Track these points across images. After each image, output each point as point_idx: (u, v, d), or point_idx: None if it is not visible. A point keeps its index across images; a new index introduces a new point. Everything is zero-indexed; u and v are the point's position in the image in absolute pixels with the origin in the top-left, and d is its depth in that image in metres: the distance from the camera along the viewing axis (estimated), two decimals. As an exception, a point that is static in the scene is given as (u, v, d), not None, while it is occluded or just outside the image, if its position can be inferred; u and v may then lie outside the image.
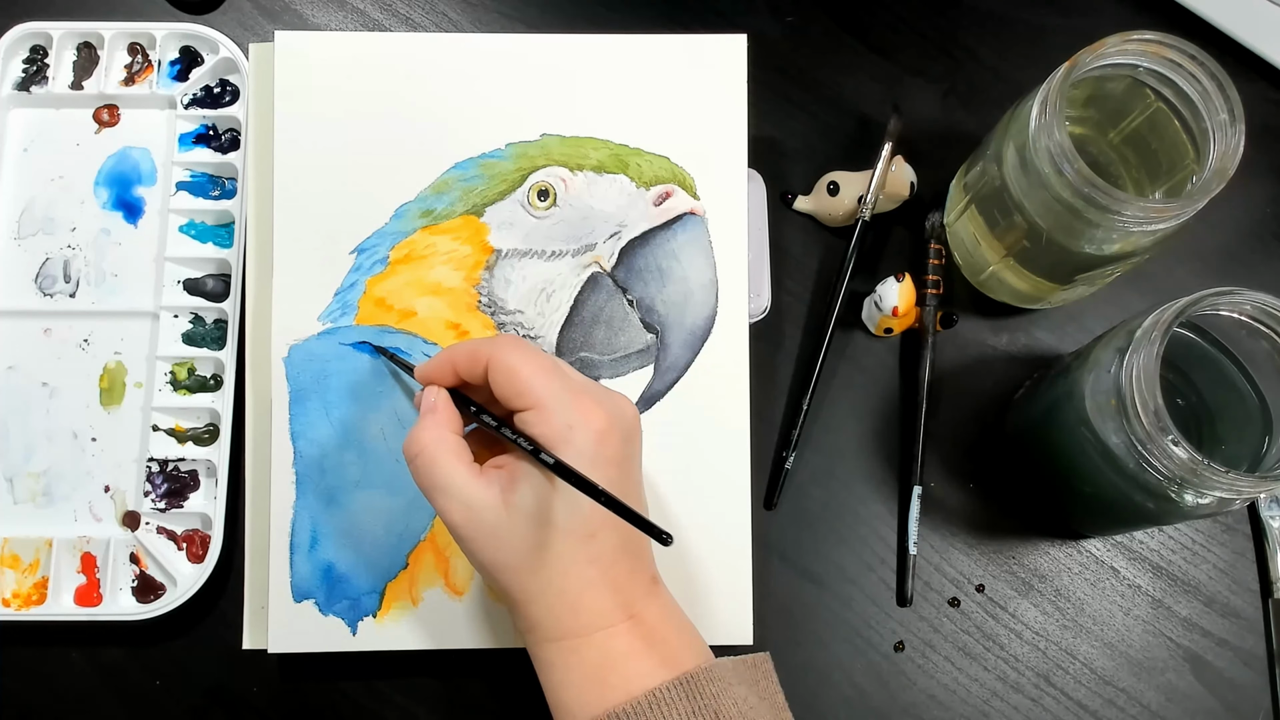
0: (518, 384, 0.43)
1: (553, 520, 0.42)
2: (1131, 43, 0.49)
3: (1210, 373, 0.51)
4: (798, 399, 0.60)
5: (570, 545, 0.42)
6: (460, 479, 0.43)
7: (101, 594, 0.57)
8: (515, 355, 0.44)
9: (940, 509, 0.60)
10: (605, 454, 0.43)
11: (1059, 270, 0.56)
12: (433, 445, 0.44)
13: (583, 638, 0.43)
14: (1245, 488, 0.44)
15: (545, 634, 0.43)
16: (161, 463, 0.58)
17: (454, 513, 0.43)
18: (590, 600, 0.43)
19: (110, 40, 0.62)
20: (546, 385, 0.43)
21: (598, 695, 0.42)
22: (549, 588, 0.43)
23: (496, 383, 0.44)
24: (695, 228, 0.57)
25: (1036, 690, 0.58)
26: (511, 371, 0.43)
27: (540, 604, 0.43)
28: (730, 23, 0.66)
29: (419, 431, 0.44)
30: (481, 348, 0.45)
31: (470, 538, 0.43)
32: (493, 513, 0.42)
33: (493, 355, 0.44)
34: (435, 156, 0.56)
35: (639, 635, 0.43)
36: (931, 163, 0.63)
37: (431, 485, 0.44)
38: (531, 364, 0.43)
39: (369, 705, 0.57)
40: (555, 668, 0.43)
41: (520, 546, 0.42)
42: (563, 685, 0.43)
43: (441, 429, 0.44)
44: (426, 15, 0.66)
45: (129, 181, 0.62)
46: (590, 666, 0.43)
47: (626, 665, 0.43)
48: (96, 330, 0.60)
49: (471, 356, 0.45)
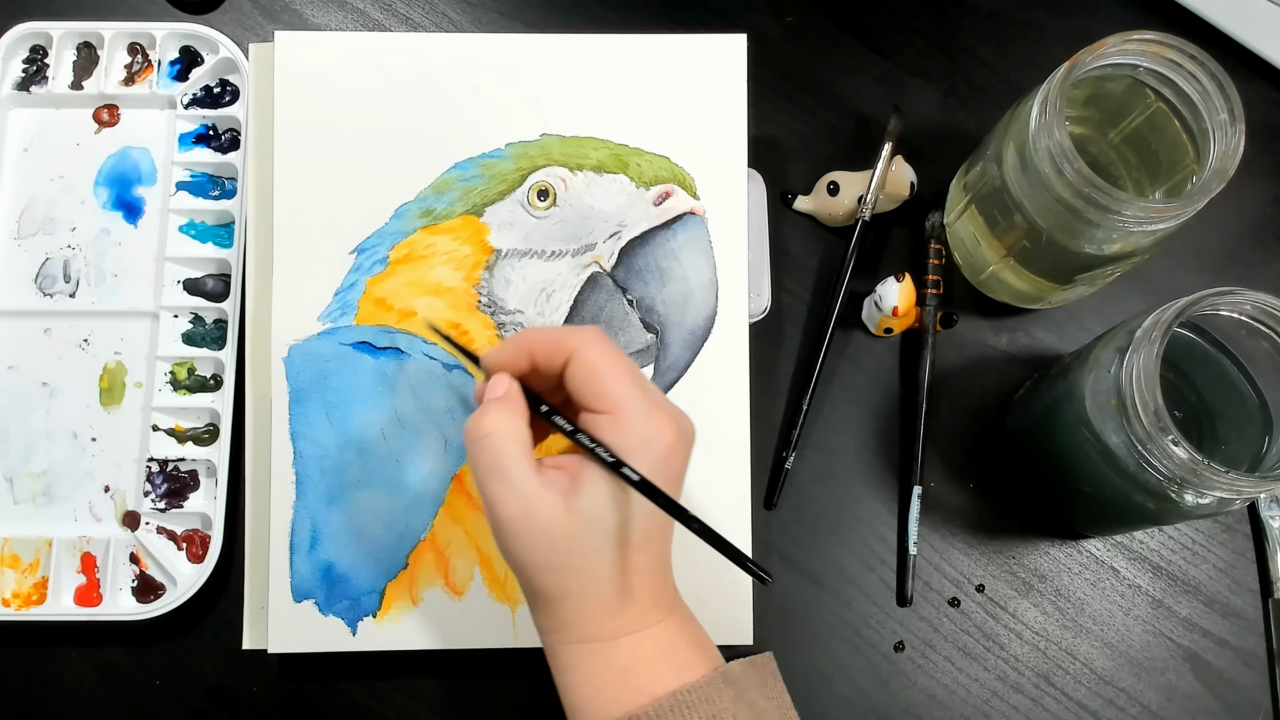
0: (598, 384, 0.42)
1: (612, 529, 0.41)
2: (1131, 43, 0.49)
3: (1210, 373, 0.51)
4: (798, 399, 0.60)
5: (622, 554, 0.42)
6: (524, 472, 0.41)
7: (101, 594, 0.57)
8: (601, 353, 0.42)
9: (940, 509, 0.60)
10: (670, 471, 0.42)
11: (1059, 270, 0.56)
12: (503, 431, 0.42)
13: (611, 641, 0.43)
14: (1245, 488, 0.44)
15: (573, 635, 0.43)
16: (161, 463, 0.58)
17: (509, 504, 0.41)
18: (627, 607, 0.43)
19: (110, 40, 0.62)
20: (629, 393, 0.42)
21: (621, 697, 0.42)
22: (590, 591, 0.42)
23: (576, 378, 0.43)
24: (695, 228, 0.57)
25: (1036, 690, 0.58)
26: (594, 370, 0.42)
27: (576, 606, 0.42)
28: (730, 23, 0.66)
29: (490, 414, 0.42)
30: (565, 339, 0.43)
31: (520, 533, 0.41)
32: (550, 512, 0.41)
33: (577, 350, 0.43)
34: (435, 156, 0.56)
35: (663, 641, 0.43)
36: (931, 163, 0.63)
37: (493, 471, 0.42)
38: (616, 366, 0.42)
39: (369, 705, 0.57)
40: (579, 669, 0.43)
41: (571, 549, 0.41)
42: (584, 686, 0.43)
43: (514, 416, 0.43)
44: (426, 15, 0.66)
45: (129, 181, 0.62)
46: (616, 669, 0.42)
47: (650, 669, 0.43)
48: (96, 330, 0.60)
49: (554, 347, 0.43)
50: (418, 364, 0.55)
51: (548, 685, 0.58)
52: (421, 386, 0.55)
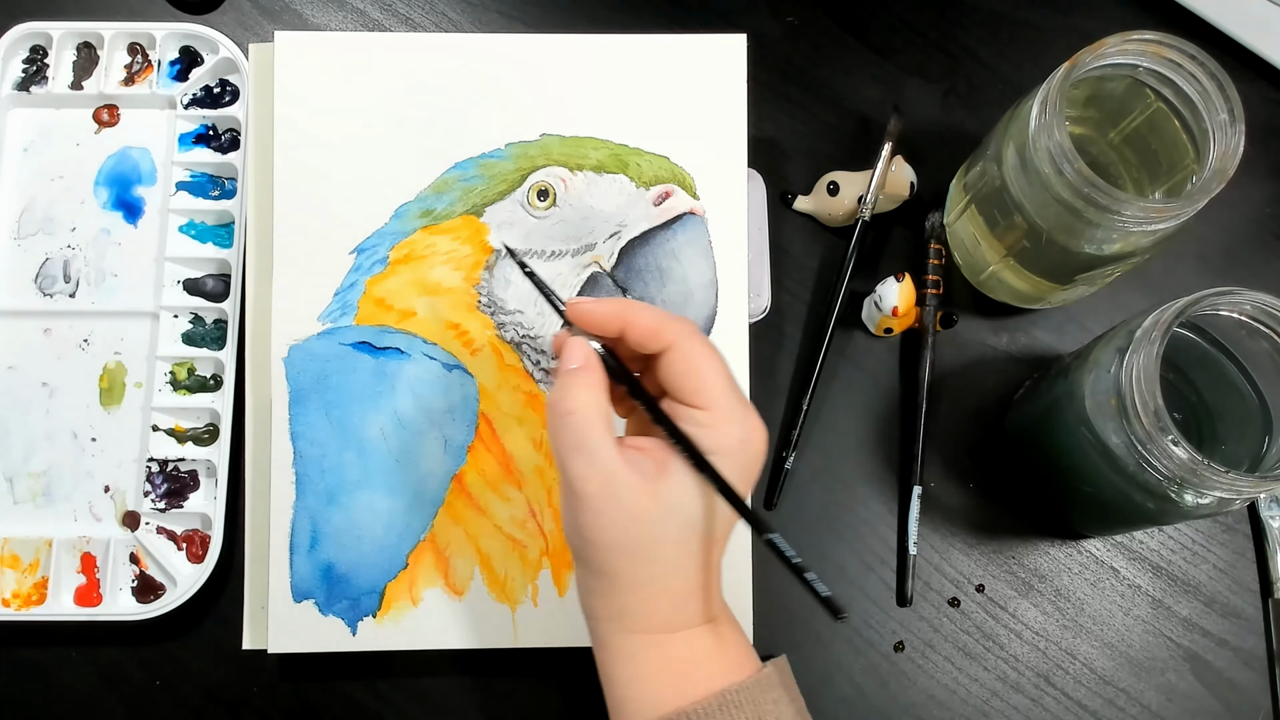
0: (696, 380, 0.42)
1: (693, 520, 0.41)
2: (1131, 43, 0.49)
3: (1210, 373, 0.51)
4: (798, 399, 0.60)
5: (696, 546, 0.42)
6: (609, 450, 0.41)
7: (101, 594, 0.57)
8: (702, 348, 0.42)
9: (940, 509, 0.60)
10: (751, 474, 0.43)
11: (1059, 270, 0.56)
12: (589, 408, 0.41)
13: (671, 634, 0.43)
14: (1245, 488, 0.44)
15: (633, 624, 0.42)
16: (161, 463, 0.58)
17: (591, 482, 0.40)
18: (691, 600, 0.43)
19: (110, 40, 0.62)
20: (727, 392, 0.42)
21: (673, 692, 0.42)
22: (659, 580, 0.42)
23: (674, 370, 0.42)
24: (695, 228, 0.57)
25: (1036, 690, 0.58)
26: (694, 365, 0.42)
27: (645, 594, 0.42)
28: (730, 23, 0.66)
29: (576, 389, 0.41)
30: (666, 327, 0.42)
31: (599, 511, 0.41)
32: (633, 494, 0.40)
33: (679, 342, 0.42)
34: (435, 156, 0.56)
35: (719, 638, 0.43)
36: (931, 163, 0.63)
37: (576, 448, 0.41)
38: (716, 363, 0.42)
39: (369, 705, 0.57)
40: (633, 660, 0.43)
41: (650, 534, 0.41)
42: (637, 678, 0.43)
43: (599, 392, 0.42)
44: (426, 15, 0.66)
45: (129, 181, 0.62)
46: (673, 662, 0.42)
47: (705, 665, 0.43)
48: (96, 330, 0.60)
49: (653, 332, 0.42)
50: (418, 364, 0.55)
51: (548, 685, 0.58)
52: (421, 386, 0.55)
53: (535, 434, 0.56)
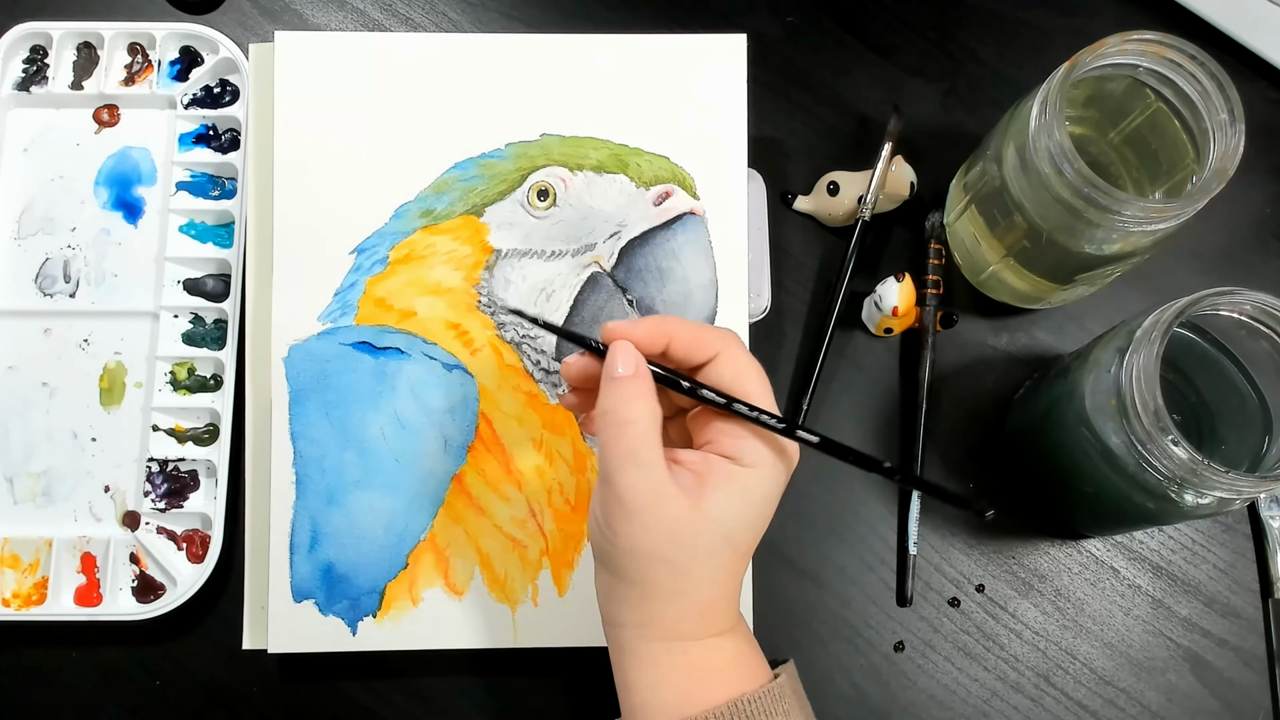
0: (744, 388, 0.42)
1: (731, 533, 0.42)
2: (1131, 43, 0.49)
3: (1210, 373, 0.51)
4: (798, 399, 0.60)
5: (731, 558, 0.42)
6: (661, 463, 0.41)
7: (101, 594, 0.57)
8: (747, 358, 0.43)
9: (940, 509, 0.60)
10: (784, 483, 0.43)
11: (1059, 270, 0.56)
12: (648, 419, 0.41)
13: (696, 641, 0.43)
14: (1245, 488, 0.44)
15: (660, 632, 0.43)
16: (161, 463, 0.58)
17: (639, 492, 0.41)
18: (719, 608, 0.43)
19: (110, 40, 0.62)
20: (770, 401, 0.43)
21: (692, 699, 0.42)
22: (693, 591, 0.42)
23: (721, 378, 0.43)
24: (695, 228, 0.57)
25: (1036, 690, 0.58)
26: (742, 374, 0.42)
27: (676, 602, 0.42)
28: (730, 23, 0.66)
29: (633, 398, 0.41)
30: (710, 335, 0.43)
31: (647, 522, 0.41)
32: (678, 508, 0.41)
33: (725, 351, 0.43)
34: (435, 156, 0.56)
35: (738, 646, 0.44)
36: (931, 163, 0.63)
37: (631, 458, 0.41)
38: (759, 373, 0.43)
39: (369, 705, 0.57)
40: (655, 666, 0.43)
41: (691, 545, 0.41)
42: (657, 684, 0.43)
43: (654, 402, 0.42)
44: (426, 15, 0.66)
45: (129, 181, 0.62)
46: (696, 670, 0.43)
47: (725, 672, 0.43)
48: (96, 330, 0.60)
49: (699, 342, 0.43)
50: (418, 364, 0.55)
51: (548, 685, 0.58)
52: (421, 386, 0.55)
53: (535, 434, 0.56)
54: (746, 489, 0.42)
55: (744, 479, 0.42)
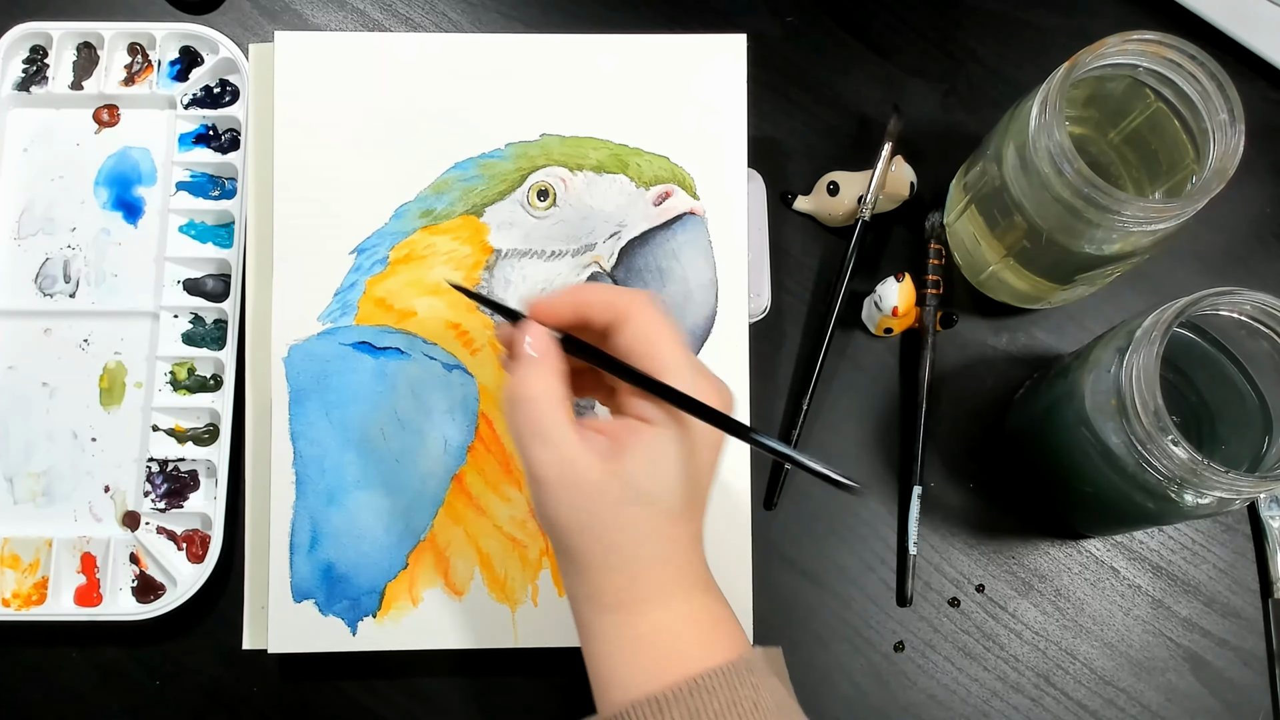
0: (650, 347, 0.42)
1: (654, 494, 0.42)
2: (1131, 43, 0.49)
3: (1210, 373, 0.51)
4: (798, 399, 0.60)
5: (660, 521, 0.42)
6: (565, 433, 0.41)
7: (101, 594, 0.57)
8: (654, 317, 0.43)
9: (940, 509, 0.60)
10: (713, 438, 0.43)
11: (1059, 270, 0.56)
12: (546, 394, 0.42)
13: (640, 613, 0.43)
14: (1245, 488, 0.44)
15: (603, 603, 0.43)
16: (161, 463, 0.58)
17: (549, 465, 0.41)
18: (657, 576, 0.43)
19: (110, 40, 0.62)
20: (680, 356, 0.42)
21: (647, 673, 0.42)
22: (624, 556, 0.42)
23: (626, 339, 0.43)
24: (695, 228, 0.57)
25: (1036, 690, 0.58)
26: (647, 334, 0.42)
27: (610, 571, 0.42)
28: (730, 23, 0.66)
29: (531, 377, 0.42)
30: (619, 299, 0.43)
31: (558, 494, 0.42)
32: (592, 475, 0.41)
33: (631, 312, 0.43)
34: (435, 156, 0.56)
35: (692, 617, 0.43)
36: (931, 163, 0.63)
37: (534, 434, 0.42)
38: (670, 330, 0.43)
39: (369, 705, 0.57)
40: (606, 640, 0.43)
41: (607, 513, 0.42)
42: (611, 658, 0.43)
43: (554, 378, 0.42)
44: (426, 15, 0.66)
45: (129, 181, 0.62)
46: (643, 643, 0.43)
47: (678, 646, 0.43)
48: (96, 330, 0.60)
49: (608, 305, 0.43)
50: (418, 364, 0.55)
51: (548, 685, 0.58)
52: (421, 386, 0.55)
53: (535, 434, 0.56)
54: (657, 447, 0.42)
55: (654, 437, 0.42)
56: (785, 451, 0.42)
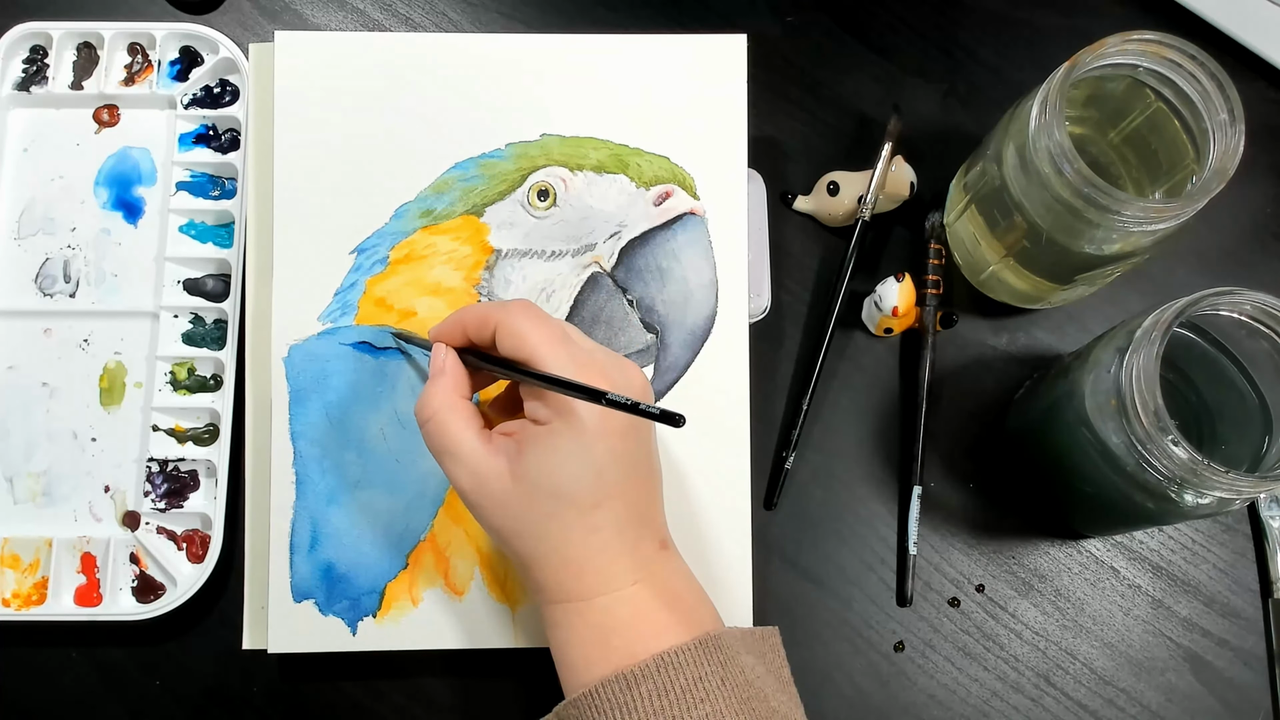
0: (525, 350, 0.43)
1: (557, 490, 0.43)
2: (1131, 43, 0.49)
3: (1210, 373, 0.51)
4: (798, 399, 0.60)
5: (574, 514, 0.43)
6: (469, 445, 0.44)
7: (101, 594, 0.57)
8: (524, 321, 0.44)
9: (940, 509, 0.60)
10: (609, 425, 0.43)
11: (1059, 270, 0.56)
12: (443, 410, 0.45)
13: (587, 600, 0.44)
14: (1245, 488, 0.44)
15: (551, 596, 0.44)
16: (161, 463, 0.58)
17: (462, 479, 0.44)
18: (594, 566, 0.44)
19: (110, 40, 0.62)
20: (553, 353, 0.43)
21: (601, 656, 0.43)
22: (553, 553, 0.44)
23: (504, 348, 0.44)
24: (695, 228, 0.57)
25: (1036, 690, 0.58)
26: (519, 337, 0.44)
27: (545, 568, 0.44)
28: (730, 23, 0.66)
29: (429, 395, 0.45)
30: (492, 312, 0.45)
31: (477, 504, 0.44)
32: (499, 480, 0.43)
33: (501, 320, 0.44)
34: (435, 156, 0.56)
35: (644, 599, 0.44)
36: (931, 163, 0.63)
37: (442, 450, 0.45)
38: (540, 331, 0.44)
39: (369, 705, 0.57)
40: (560, 628, 0.44)
41: (525, 514, 0.43)
42: (567, 645, 0.44)
43: (450, 393, 0.45)
44: (426, 15, 0.66)
45: (129, 181, 0.62)
46: (594, 628, 0.44)
47: (631, 628, 0.43)
48: (96, 330, 0.60)
49: (481, 320, 0.45)
50: (418, 364, 0.55)
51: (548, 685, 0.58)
52: (422, 386, 0.55)
53: (535, 434, 0.56)
54: (552, 445, 0.43)
55: (545, 436, 0.43)
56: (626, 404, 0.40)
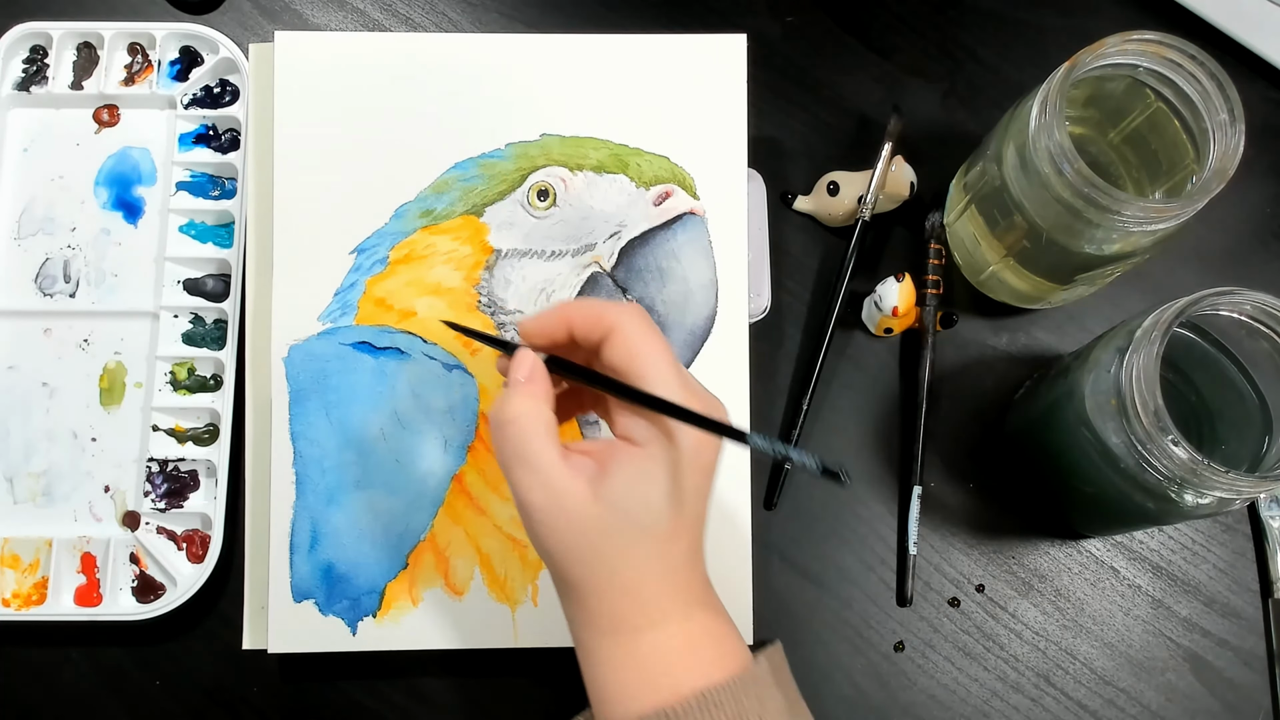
0: (638, 363, 0.41)
1: (641, 518, 0.41)
2: (1131, 43, 0.49)
3: (1210, 373, 0.51)
4: (798, 399, 0.60)
5: (650, 545, 0.41)
6: (550, 458, 0.41)
7: (101, 594, 0.57)
8: (641, 332, 0.42)
9: (940, 509, 0.60)
10: (703, 458, 0.42)
11: (1059, 270, 0.56)
12: (528, 417, 0.41)
13: (639, 634, 0.42)
14: (1245, 488, 0.44)
15: (601, 626, 0.42)
16: (161, 463, 0.58)
17: (534, 491, 0.41)
18: (655, 599, 0.42)
19: (110, 40, 0.62)
20: (667, 373, 0.41)
21: (645, 690, 0.41)
22: (616, 581, 0.41)
23: (614, 355, 0.42)
24: (695, 228, 0.57)
25: (1036, 690, 0.58)
26: (635, 347, 0.41)
27: (604, 596, 0.42)
28: (730, 23, 0.66)
29: (515, 398, 0.42)
30: (608, 313, 0.42)
31: (545, 521, 0.41)
32: (576, 500, 0.40)
33: (619, 324, 0.42)
34: (435, 156, 0.56)
35: (693, 635, 0.43)
36: (931, 163, 0.63)
37: (517, 458, 0.41)
38: (658, 344, 0.41)
39: (369, 705, 0.57)
40: (603, 659, 0.43)
41: (597, 538, 0.41)
42: (609, 676, 0.42)
43: (539, 400, 0.42)
44: (426, 15, 0.66)
45: (129, 181, 0.62)
46: (640, 661, 0.42)
47: (678, 665, 0.42)
48: (96, 330, 0.60)
49: (594, 320, 0.42)
50: (418, 364, 0.55)
51: (548, 685, 0.58)
52: (421, 386, 0.55)
53: (535, 434, 0.56)
54: (643, 470, 0.41)
55: (640, 459, 0.41)
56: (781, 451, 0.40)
